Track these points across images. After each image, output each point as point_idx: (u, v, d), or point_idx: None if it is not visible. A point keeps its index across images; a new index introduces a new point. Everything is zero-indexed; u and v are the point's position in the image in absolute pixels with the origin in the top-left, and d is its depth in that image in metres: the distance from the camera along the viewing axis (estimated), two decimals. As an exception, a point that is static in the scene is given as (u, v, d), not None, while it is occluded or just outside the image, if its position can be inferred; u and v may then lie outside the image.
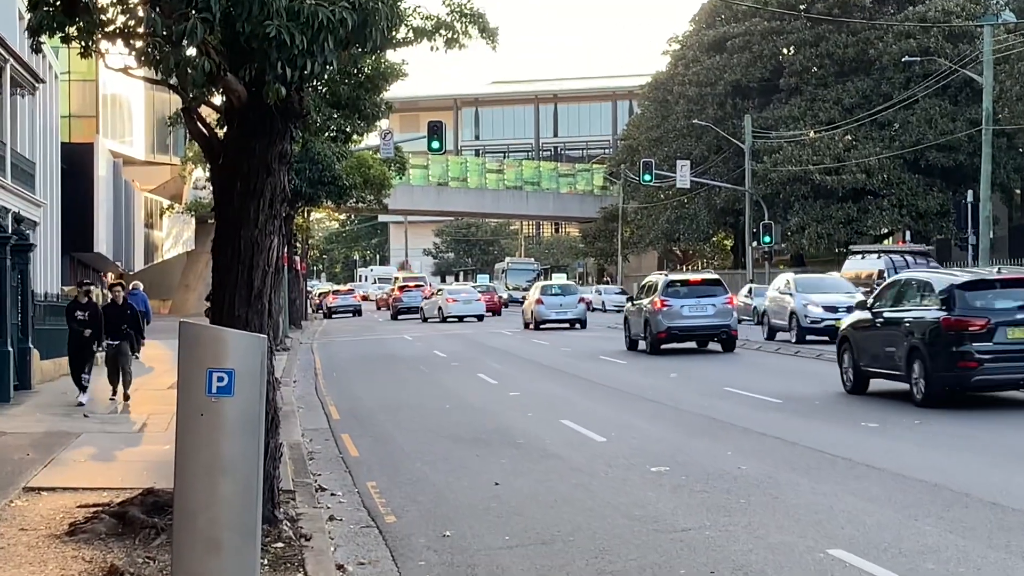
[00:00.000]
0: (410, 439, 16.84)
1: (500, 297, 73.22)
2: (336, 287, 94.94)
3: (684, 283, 33.59)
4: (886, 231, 61.24)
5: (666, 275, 36.02)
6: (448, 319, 58.90)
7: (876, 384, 20.83)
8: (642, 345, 33.60)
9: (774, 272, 64.78)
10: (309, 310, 69.69)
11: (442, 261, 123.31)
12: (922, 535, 10.12)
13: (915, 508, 11.19)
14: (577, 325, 48.46)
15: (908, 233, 54.01)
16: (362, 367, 30.69)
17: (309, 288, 77.32)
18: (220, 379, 7.62)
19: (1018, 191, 61.76)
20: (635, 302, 35.06)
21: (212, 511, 7.64)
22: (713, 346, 33.54)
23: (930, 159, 56.19)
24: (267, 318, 10.06)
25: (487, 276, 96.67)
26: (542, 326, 47.76)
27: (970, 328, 18.40)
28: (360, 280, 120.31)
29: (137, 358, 31.75)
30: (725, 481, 12.77)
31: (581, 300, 49.98)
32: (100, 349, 20.75)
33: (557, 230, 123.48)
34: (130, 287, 34.64)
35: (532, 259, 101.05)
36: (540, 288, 50.93)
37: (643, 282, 36.91)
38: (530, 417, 18.92)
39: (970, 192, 40.13)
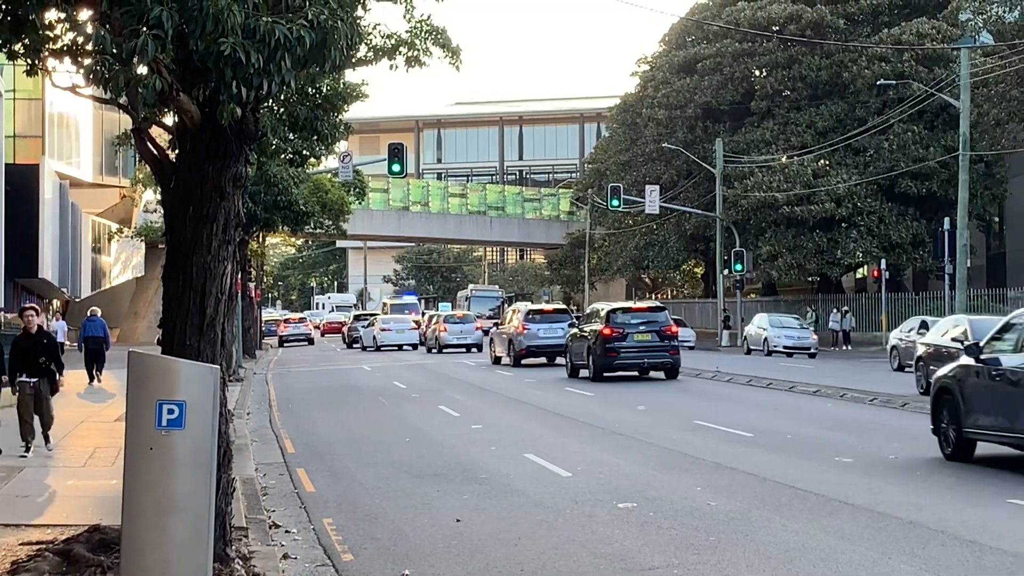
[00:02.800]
0: (368, 474, 16.42)
1: None
2: (288, 315, 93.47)
3: (540, 312, 43.13)
4: (860, 260, 60.49)
5: (527, 305, 46.08)
6: (383, 348, 59.59)
7: (584, 372, 33.58)
8: (505, 360, 42.19)
9: (745, 302, 64.67)
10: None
11: (402, 288, 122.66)
12: (897, 574, 9.90)
13: (890, 545, 10.93)
14: (474, 349, 55.15)
15: (883, 263, 53.23)
16: (319, 398, 30.17)
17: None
18: (171, 411, 7.55)
19: (996, 219, 60.81)
20: (500, 327, 44.73)
21: (161, 549, 7.53)
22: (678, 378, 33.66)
23: (904, 186, 55.10)
24: (220, 348, 9.81)
25: (448, 304, 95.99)
26: (444, 350, 54.70)
27: (614, 334, 32.49)
28: (318, 308, 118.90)
29: (99, 382, 31.28)
30: (694, 518, 12.47)
31: (478, 328, 57.87)
32: (7, 387, 17.86)
33: (522, 257, 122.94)
34: (88, 313, 34.04)
35: (496, 287, 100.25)
36: (443, 317, 58.60)
37: (508, 310, 50.15)
38: (493, 451, 18.54)
39: (947, 220, 39.63)
